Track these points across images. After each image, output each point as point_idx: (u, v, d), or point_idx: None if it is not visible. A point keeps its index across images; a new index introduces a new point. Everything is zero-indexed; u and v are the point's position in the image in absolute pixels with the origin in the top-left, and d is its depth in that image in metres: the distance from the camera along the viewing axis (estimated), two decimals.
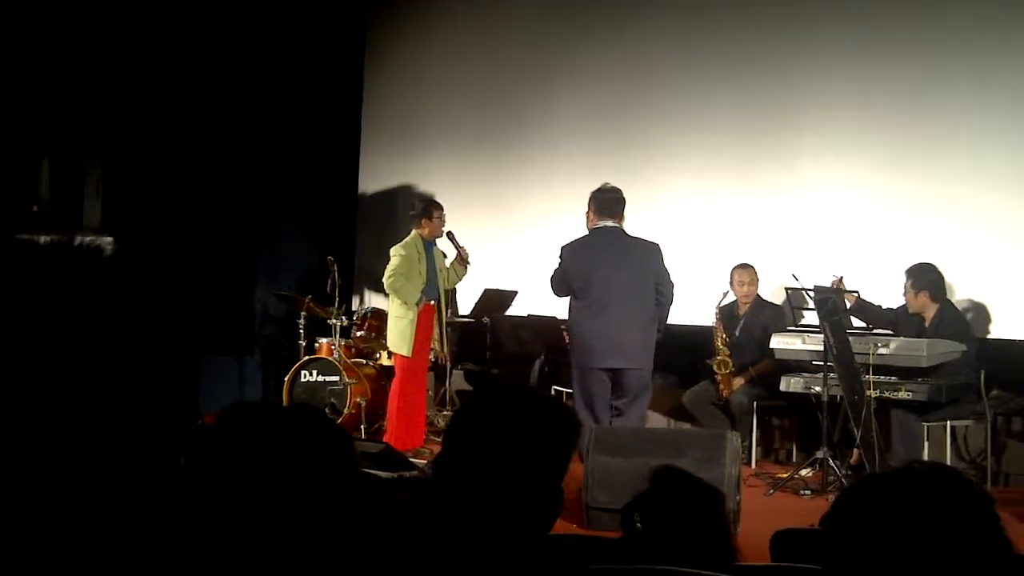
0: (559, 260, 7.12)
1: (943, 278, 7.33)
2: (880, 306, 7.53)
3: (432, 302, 8.03)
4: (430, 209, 8.02)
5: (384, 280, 7.94)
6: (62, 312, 0.86)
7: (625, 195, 7.09)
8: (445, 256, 8.26)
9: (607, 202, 7.00)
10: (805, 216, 8.46)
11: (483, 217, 10.10)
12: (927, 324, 7.27)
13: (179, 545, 0.86)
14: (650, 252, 7.03)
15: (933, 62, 7.96)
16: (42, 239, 0.91)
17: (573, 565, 1.85)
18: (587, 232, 7.08)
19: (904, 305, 7.43)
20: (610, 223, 6.98)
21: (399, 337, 7.95)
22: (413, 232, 8.02)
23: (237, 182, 9.54)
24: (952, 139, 7.86)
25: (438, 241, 8.13)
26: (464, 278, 8.32)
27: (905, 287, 7.31)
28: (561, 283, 7.13)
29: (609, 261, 6.93)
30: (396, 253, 7.92)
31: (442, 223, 8.03)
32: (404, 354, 7.93)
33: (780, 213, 8.58)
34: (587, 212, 7.06)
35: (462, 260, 8.16)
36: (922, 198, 7.95)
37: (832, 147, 8.34)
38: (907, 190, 8.01)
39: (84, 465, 0.88)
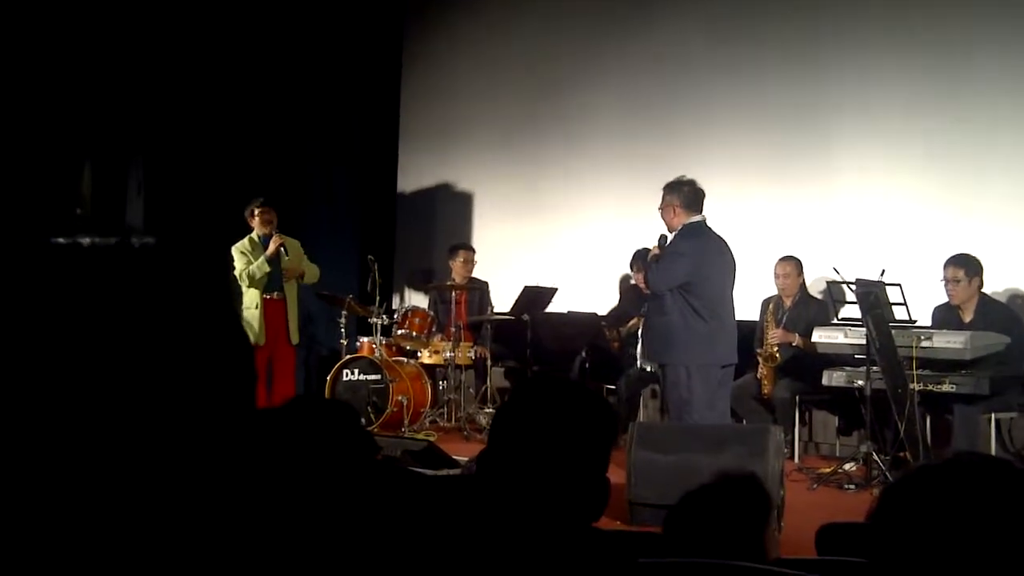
0: (681, 253, 6.51)
1: None
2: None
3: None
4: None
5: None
6: (102, 314, 0.88)
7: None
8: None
9: (700, 196, 6.62)
10: (847, 209, 8.40)
11: (522, 214, 10.11)
12: (968, 317, 7.18)
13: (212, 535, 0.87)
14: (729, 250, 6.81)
15: (974, 56, 7.90)
16: (85, 242, 0.92)
17: (622, 559, 1.86)
18: (683, 226, 6.53)
19: (941, 305, 7.34)
20: (699, 217, 6.63)
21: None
22: None
23: (278, 182, 9.61)
24: (993, 132, 7.80)
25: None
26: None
27: (955, 276, 7.11)
28: (680, 275, 6.52)
29: (717, 256, 6.67)
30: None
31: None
32: None
33: (822, 207, 8.54)
34: (669, 206, 6.54)
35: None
36: (964, 190, 7.89)
37: (872, 140, 8.29)
38: (949, 182, 7.95)
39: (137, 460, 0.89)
